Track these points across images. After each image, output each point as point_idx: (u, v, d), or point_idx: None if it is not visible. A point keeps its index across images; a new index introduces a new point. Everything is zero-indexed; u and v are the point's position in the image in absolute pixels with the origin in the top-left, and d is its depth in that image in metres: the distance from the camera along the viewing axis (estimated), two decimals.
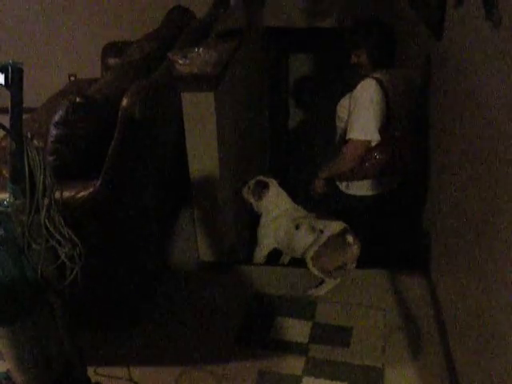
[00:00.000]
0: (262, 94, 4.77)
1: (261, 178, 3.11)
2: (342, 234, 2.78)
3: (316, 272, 2.78)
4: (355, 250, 2.78)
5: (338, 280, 2.79)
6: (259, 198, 3.05)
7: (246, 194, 3.12)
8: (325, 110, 3.36)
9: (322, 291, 2.77)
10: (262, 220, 3.07)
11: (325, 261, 2.78)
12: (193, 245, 3.04)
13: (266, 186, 3.04)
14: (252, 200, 3.09)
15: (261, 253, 3.09)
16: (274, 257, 3.14)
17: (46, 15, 4.76)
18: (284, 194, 3.07)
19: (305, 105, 5.76)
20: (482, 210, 1.87)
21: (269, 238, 3.05)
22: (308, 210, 3.04)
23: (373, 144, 2.79)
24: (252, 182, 3.10)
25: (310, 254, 2.77)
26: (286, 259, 3.15)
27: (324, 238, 2.78)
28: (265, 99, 4.91)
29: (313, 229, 2.85)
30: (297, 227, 2.91)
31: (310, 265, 2.78)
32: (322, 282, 2.81)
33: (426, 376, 2.25)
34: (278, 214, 3.01)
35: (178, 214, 3.12)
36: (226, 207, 3.05)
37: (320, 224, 2.85)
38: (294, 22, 4.31)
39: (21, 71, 1.46)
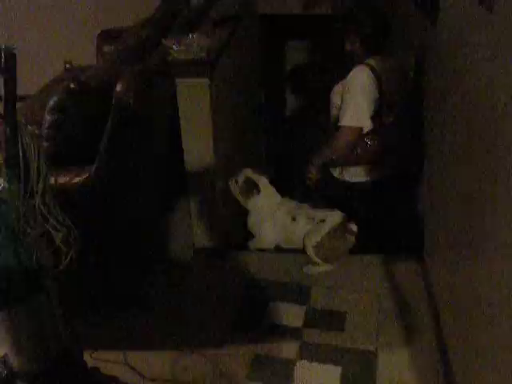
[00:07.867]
0: (258, 81, 4.76)
1: (250, 174, 2.98)
2: (342, 223, 2.80)
3: (317, 260, 2.79)
4: (353, 238, 2.81)
5: (333, 266, 2.82)
6: (247, 197, 2.97)
7: (233, 189, 3.02)
8: (321, 97, 3.35)
9: (315, 271, 2.80)
10: (252, 219, 3.01)
11: (326, 251, 2.79)
12: (188, 231, 3.05)
13: (255, 186, 2.94)
14: (240, 198, 3.01)
15: (255, 247, 3.06)
16: None
17: (41, 1, 4.73)
18: (272, 191, 2.99)
19: (301, 92, 5.74)
20: (475, 197, 1.88)
21: (269, 236, 2.99)
22: (299, 201, 3.01)
23: (364, 131, 2.80)
24: (241, 180, 2.98)
25: (312, 243, 2.78)
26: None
27: (327, 227, 2.78)
28: (261, 87, 4.90)
29: (311, 219, 2.85)
30: (293, 219, 2.89)
31: (312, 253, 2.79)
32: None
33: (418, 360, 2.28)
34: (268, 211, 2.95)
35: (173, 201, 3.12)
36: (221, 194, 3.06)
37: (319, 214, 2.85)
38: (289, 9, 4.30)
39: (14, 56, 1.46)
